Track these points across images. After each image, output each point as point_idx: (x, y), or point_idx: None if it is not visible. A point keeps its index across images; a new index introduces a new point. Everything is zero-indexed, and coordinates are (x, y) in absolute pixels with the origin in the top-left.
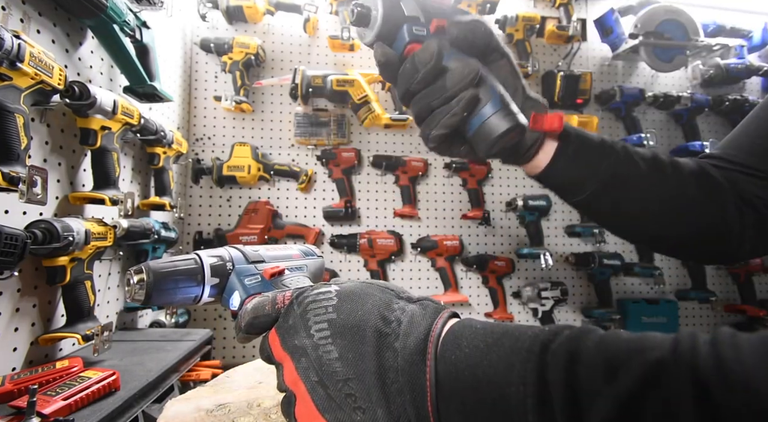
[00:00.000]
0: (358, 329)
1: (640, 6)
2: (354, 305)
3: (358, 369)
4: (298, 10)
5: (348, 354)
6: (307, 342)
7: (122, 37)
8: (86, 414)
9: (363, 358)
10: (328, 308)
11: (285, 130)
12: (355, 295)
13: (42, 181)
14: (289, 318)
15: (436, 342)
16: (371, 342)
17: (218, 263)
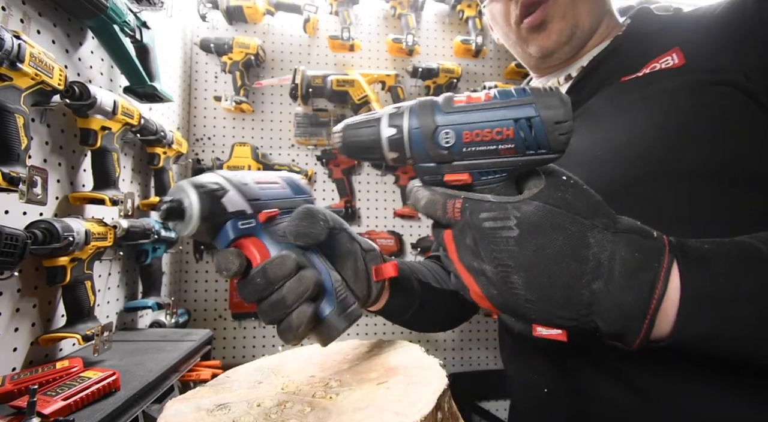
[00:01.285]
0: (547, 275)
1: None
2: (540, 241)
3: (552, 294)
4: (298, 10)
5: (533, 293)
6: (488, 269)
7: (122, 37)
8: (86, 414)
9: (557, 288)
10: (509, 241)
11: (285, 130)
12: (540, 229)
13: (42, 181)
14: (465, 237)
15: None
16: (560, 287)
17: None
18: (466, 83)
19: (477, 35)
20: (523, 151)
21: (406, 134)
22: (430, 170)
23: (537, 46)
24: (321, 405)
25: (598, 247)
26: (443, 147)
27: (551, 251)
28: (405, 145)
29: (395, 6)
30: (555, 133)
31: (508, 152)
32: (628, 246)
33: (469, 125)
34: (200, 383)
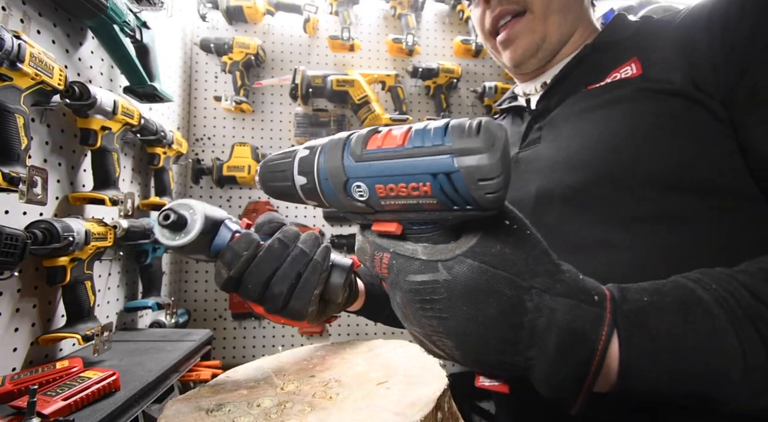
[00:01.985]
0: (480, 342)
1: (640, 6)
2: (471, 309)
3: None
4: (298, 10)
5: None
6: (418, 330)
7: (122, 37)
8: (86, 414)
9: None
10: (438, 307)
11: (285, 130)
12: (472, 294)
13: (42, 181)
14: (395, 295)
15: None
16: (493, 353)
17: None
18: (466, 83)
19: (477, 35)
20: (449, 205)
21: (317, 185)
22: (357, 217)
23: (506, 58)
24: (321, 405)
25: (535, 313)
26: (358, 200)
27: (483, 319)
28: (320, 196)
29: (395, 6)
30: (480, 191)
31: (432, 207)
32: (566, 314)
33: (381, 178)
34: (200, 383)
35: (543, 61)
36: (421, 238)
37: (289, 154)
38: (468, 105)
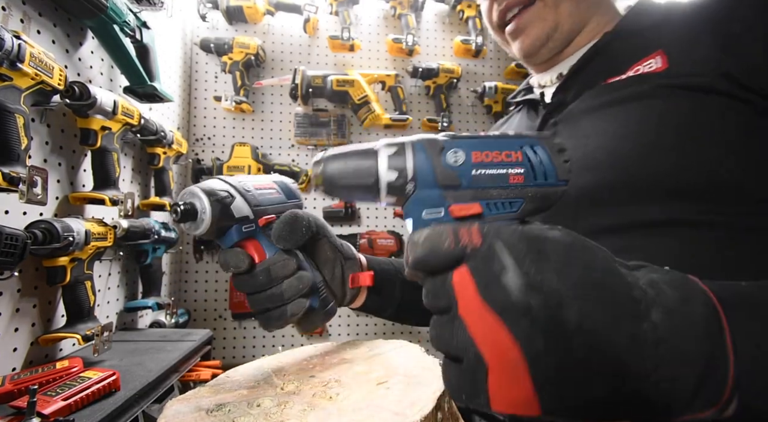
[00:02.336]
0: (605, 289)
1: None
2: (585, 256)
3: (609, 340)
4: (298, 10)
5: (593, 321)
6: (532, 297)
7: (122, 37)
8: (86, 414)
9: (617, 327)
10: (551, 255)
11: (285, 130)
12: (577, 247)
13: (42, 181)
14: (492, 263)
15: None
16: (628, 310)
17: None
18: (466, 83)
19: (477, 35)
20: (532, 177)
21: (410, 154)
22: (433, 200)
23: (516, 49)
24: (321, 405)
25: (635, 278)
26: (452, 166)
27: (600, 268)
28: (407, 167)
29: (395, 6)
30: (560, 159)
31: (517, 179)
32: (665, 281)
33: (478, 145)
34: (200, 383)
35: (555, 51)
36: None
37: (363, 153)
38: (468, 105)
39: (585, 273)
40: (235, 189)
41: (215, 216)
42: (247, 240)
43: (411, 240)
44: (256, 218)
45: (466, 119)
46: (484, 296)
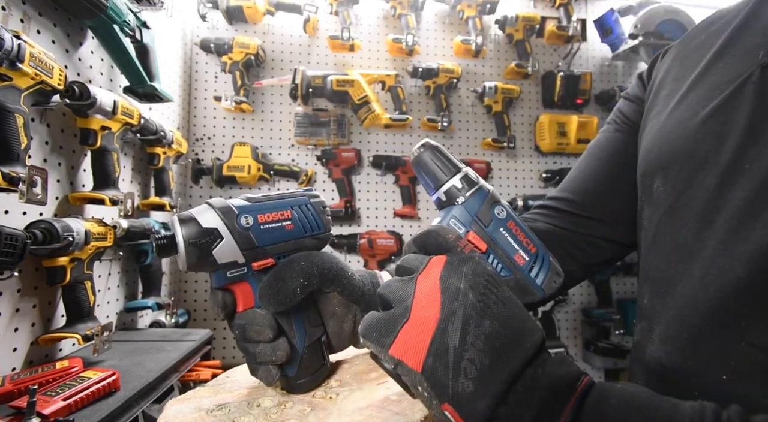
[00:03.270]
0: (521, 334)
1: (640, 6)
2: (522, 313)
3: (498, 359)
4: (298, 10)
5: (498, 341)
6: (471, 297)
7: (122, 37)
8: (86, 414)
9: (509, 355)
10: (502, 293)
11: (285, 130)
12: (521, 307)
13: (42, 181)
14: (464, 265)
15: (586, 387)
16: (526, 353)
17: None
18: (466, 83)
19: (477, 35)
20: (527, 269)
21: (475, 188)
22: (464, 218)
23: None
24: (321, 405)
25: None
26: (494, 214)
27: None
28: (474, 188)
29: (395, 6)
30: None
31: (518, 258)
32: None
33: (517, 221)
34: (200, 383)
35: None
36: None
37: (452, 163)
38: (468, 105)
39: (514, 318)
40: (227, 226)
41: (191, 262)
42: (236, 284)
43: (424, 228)
44: (248, 262)
45: (466, 119)
46: (443, 276)
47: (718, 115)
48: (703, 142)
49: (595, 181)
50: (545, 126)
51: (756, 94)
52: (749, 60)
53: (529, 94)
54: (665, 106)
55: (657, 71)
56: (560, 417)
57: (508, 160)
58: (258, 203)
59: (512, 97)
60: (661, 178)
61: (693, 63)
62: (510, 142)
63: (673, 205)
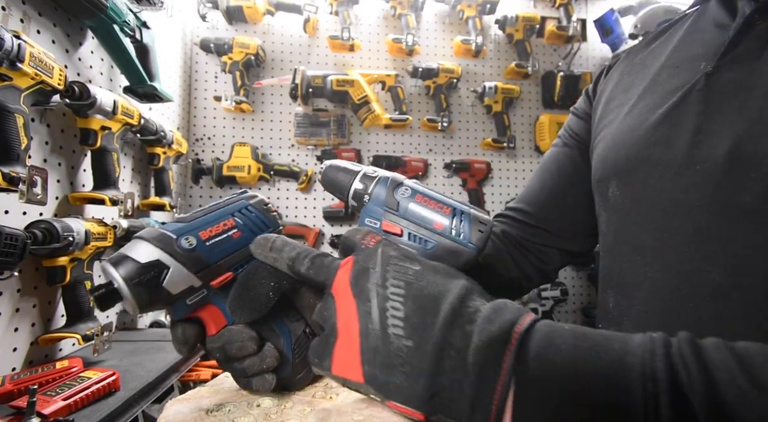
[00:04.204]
0: (435, 300)
1: (640, 6)
2: (436, 279)
3: (419, 335)
4: (298, 10)
5: (414, 318)
6: (379, 290)
7: (122, 37)
8: (86, 414)
9: (428, 327)
10: (409, 271)
11: (285, 130)
12: (440, 271)
13: (42, 181)
14: (369, 261)
15: (522, 335)
16: (444, 316)
17: None
18: (466, 83)
19: (477, 35)
20: (449, 230)
21: (375, 181)
22: (375, 214)
23: None
24: (321, 405)
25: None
26: (398, 196)
27: (441, 289)
28: (374, 181)
29: (395, 6)
30: (477, 227)
31: (439, 226)
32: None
33: (427, 192)
34: (200, 383)
35: None
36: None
37: (351, 169)
38: (468, 105)
39: (427, 288)
40: (169, 253)
41: (143, 304)
42: (201, 309)
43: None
44: (205, 283)
45: (466, 119)
46: (352, 280)
47: (667, 120)
48: (654, 146)
49: (548, 192)
50: (545, 126)
51: (701, 99)
52: (693, 69)
53: (529, 94)
54: (617, 114)
55: (604, 85)
56: (499, 371)
57: (508, 160)
58: (195, 220)
59: (512, 97)
60: (616, 183)
61: (641, 74)
62: (510, 142)
63: (630, 209)
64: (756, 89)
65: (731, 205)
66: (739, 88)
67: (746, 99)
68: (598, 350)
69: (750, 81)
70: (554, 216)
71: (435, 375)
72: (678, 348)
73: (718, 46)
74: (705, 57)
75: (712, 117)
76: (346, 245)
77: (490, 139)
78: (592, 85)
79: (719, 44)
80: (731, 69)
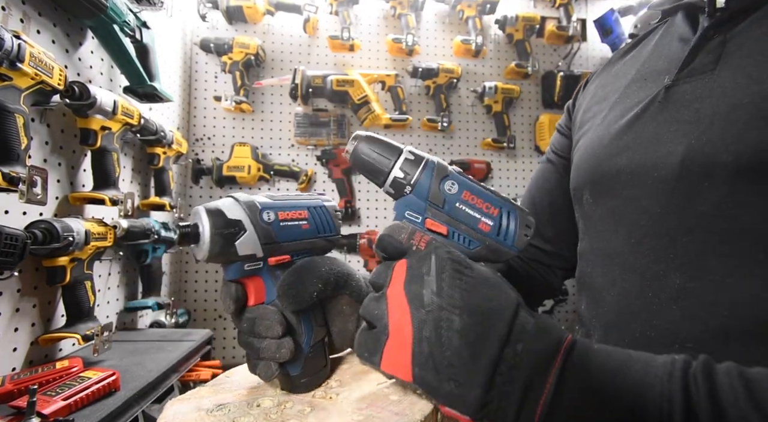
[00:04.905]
0: (491, 317)
1: (640, 6)
2: (490, 293)
3: (474, 350)
4: (298, 10)
5: (471, 333)
6: (435, 299)
7: (122, 37)
8: (86, 414)
9: (484, 343)
10: (465, 280)
11: (285, 130)
12: (491, 283)
13: (42, 181)
14: (422, 265)
15: (564, 356)
16: (499, 333)
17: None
18: (466, 83)
19: (477, 35)
20: (495, 232)
21: (421, 167)
22: (418, 207)
23: None
24: (321, 406)
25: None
26: (445, 192)
27: (495, 305)
28: (418, 170)
29: (395, 6)
30: (523, 231)
31: (484, 227)
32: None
33: (472, 187)
34: (200, 383)
35: None
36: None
37: (391, 147)
38: (468, 105)
39: (481, 303)
40: (251, 219)
41: (213, 252)
42: (250, 278)
43: (390, 226)
44: (265, 256)
45: (466, 119)
46: (406, 285)
47: (630, 131)
48: (618, 156)
49: (540, 210)
50: (545, 126)
51: (660, 110)
52: (658, 82)
53: (529, 94)
54: (591, 125)
55: (582, 99)
56: (544, 387)
57: (508, 160)
58: (279, 201)
59: (512, 97)
60: (588, 191)
61: (614, 86)
62: (510, 142)
63: (601, 216)
64: (709, 99)
65: (687, 211)
66: (693, 99)
67: (699, 108)
68: (625, 371)
69: (704, 91)
70: (549, 234)
71: (487, 389)
72: (693, 371)
73: (678, 60)
74: (668, 70)
75: (668, 127)
76: (390, 244)
77: (490, 139)
78: (571, 100)
79: (680, 58)
80: (687, 81)
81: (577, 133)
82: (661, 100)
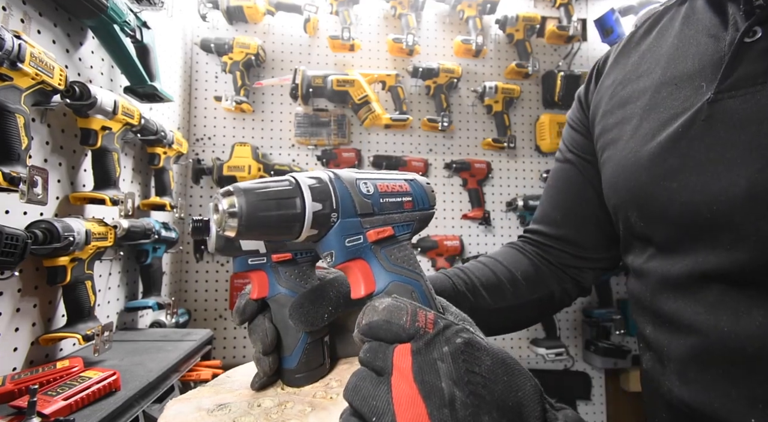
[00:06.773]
0: (521, 412)
1: (640, 6)
2: (512, 379)
3: None
4: (298, 10)
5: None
6: (456, 392)
7: (123, 37)
8: (87, 414)
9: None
10: (481, 366)
11: (285, 130)
12: (509, 366)
13: (42, 181)
14: (432, 350)
15: None
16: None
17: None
18: (467, 83)
19: (477, 35)
20: (417, 204)
21: (330, 185)
22: (354, 228)
23: None
24: (321, 405)
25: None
26: (366, 196)
27: (522, 396)
28: (332, 196)
29: (395, 6)
30: (429, 188)
31: (408, 205)
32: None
33: (380, 179)
34: (200, 383)
35: None
36: (404, 239)
37: (281, 184)
38: (468, 105)
39: (507, 395)
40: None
41: (219, 245)
42: (254, 271)
43: (370, 305)
44: (268, 252)
45: (467, 119)
46: (416, 374)
47: (676, 151)
48: (666, 180)
49: (561, 211)
50: (546, 126)
51: (707, 129)
52: (693, 89)
53: (530, 94)
54: (620, 133)
55: (597, 95)
56: None
57: (509, 160)
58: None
59: (512, 97)
60: (636, 214)
61: (638, 88)
62: (510, 142)
63: (658, 243)
64: (766, 122)
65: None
66: (747, 120)
67: (757, 133)
68: None
69: (758, 112)
70: (572, 235)
71: None
72: None
73: (714, 63)
74: (702, 74)
75: (722, 153)
76: (389, 332)
77: (490, 139)
78: (583, 91)
79: (715, 61)
80: (734, 95)
81: (601, 138)
82: (705, 118)
